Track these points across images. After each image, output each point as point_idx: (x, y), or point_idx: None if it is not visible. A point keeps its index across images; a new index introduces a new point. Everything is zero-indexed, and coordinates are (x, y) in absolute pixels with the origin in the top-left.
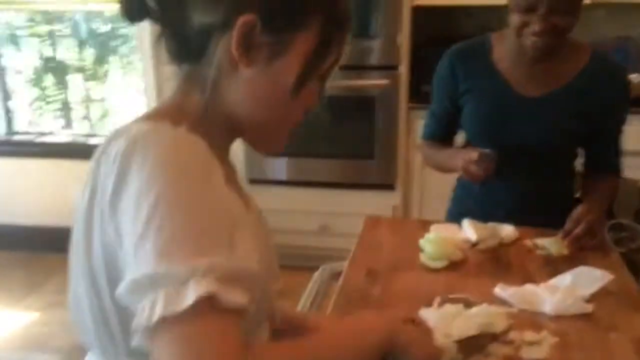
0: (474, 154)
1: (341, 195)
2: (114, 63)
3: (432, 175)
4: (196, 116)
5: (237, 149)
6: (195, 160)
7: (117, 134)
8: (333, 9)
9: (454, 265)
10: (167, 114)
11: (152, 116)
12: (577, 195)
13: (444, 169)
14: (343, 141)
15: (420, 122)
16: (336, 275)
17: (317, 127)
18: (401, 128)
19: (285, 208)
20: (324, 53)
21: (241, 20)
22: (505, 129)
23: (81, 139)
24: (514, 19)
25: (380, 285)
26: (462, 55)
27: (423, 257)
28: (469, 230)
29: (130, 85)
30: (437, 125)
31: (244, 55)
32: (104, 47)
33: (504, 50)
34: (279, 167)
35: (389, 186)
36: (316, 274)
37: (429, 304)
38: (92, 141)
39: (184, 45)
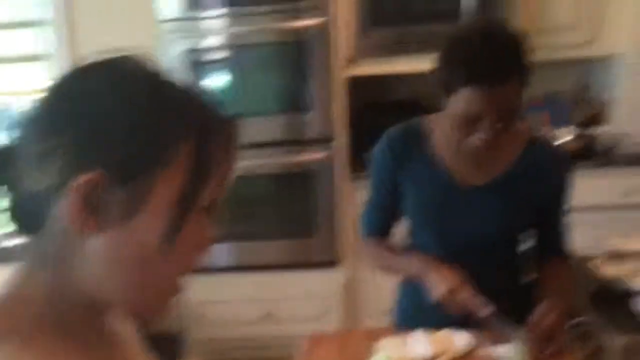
0: (466, 294)
1: (284, 278)
2: None
3: None
4: (42, 306)
5: None
6: None
7: None
8: (200, 128)
9: None
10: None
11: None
12: (526, 280)
13: (396, 273)
14: (281, 221)
15: (362, 193)
16: None
17: (253, 208)
18: (343, 201)
19: (225, 298)
20: (200, 181)
21: (81, 180)
22: (447, 221)
23: None
24: (451, 122)
25: None
26: (399, 142)
27: None
28: (422, 344)
29: None
30: (377, 218)
31: (89, 220)
32: None
33: (442, 136)
34: (217, 252)
35: (331, 263)
36: None
37: None
38: None
39: (17, 214)
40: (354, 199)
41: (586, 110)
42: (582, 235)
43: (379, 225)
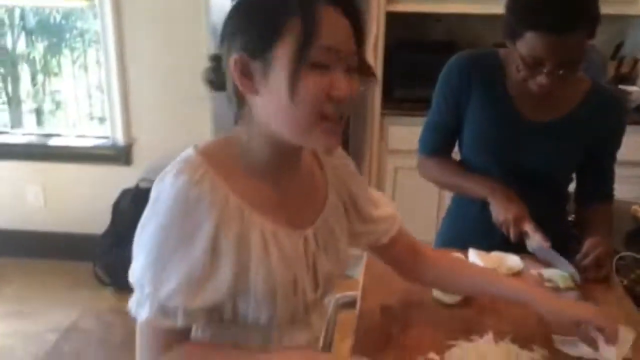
0: (528, 226)
1: None
2: (67, 57)
3: (403, 182)
4: (241, 147)
5: None
6: (186, 212)
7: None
8: (307, 10)
9: (467, 300)
10: (218, 144)
11: (202, 148)
12: (570, 218)
13: (458, 190)
14: None
15: (393, 128)
16: (344, 306)
17: None
18: (374, 134)
19: None
20: (306, 43)
21: (232, 60)
22: (506, 151)
23: (36, 140)
24: (518, 62)
25: (399, 324)
26: (474, 66)
27: (436, 293)
28: (475, 261)
29: (85, 81)
30: (439, 138)
31: (247, 85)
32: (57, 39)
33: (512, 71)
34: None
35: None
36: (329, 308)
37: (450, 345)
38: (51, 142)
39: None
40: (385, 134)
41: (619, 68)
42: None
43: (438, 145)
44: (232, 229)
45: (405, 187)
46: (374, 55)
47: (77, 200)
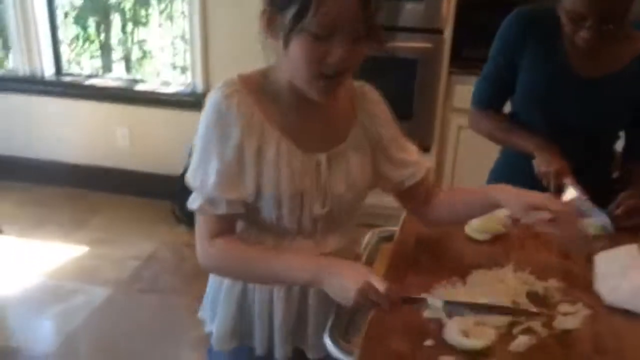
0: (568, 179)
1: None
2: (155, 7)
3: (467, 141)
4: (272, 78)
5: None
6: (218, 120)
7: None
8: None
9: (496, 239)
10: (256, 73)
11: (243, 74)
12: (615, 175)
13: (506, 144)
14: (384, 100)
15: (460, 87)
16: (384, 239)
17: None
18: (441, 91)
19: None
20: (300, 15)
21: (262, 10)
22: (557, 106)
23: (127, 84)
24: (563, 17)
25: (429, 253)
26: (532, 21)
27: (468, 229)
28: None
29: (170, 31)
30: (492, 91)
31: (270, 34)
32: None
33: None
34: None
35: (425, 147)
36: (367, 237)
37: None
38: (138, 87)
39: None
40: (452, 92)
41: None
42: None
43: (491, 98)
44: (254, 139)
45: (468, 144)
46: (446, 14)
47: (160, 142)
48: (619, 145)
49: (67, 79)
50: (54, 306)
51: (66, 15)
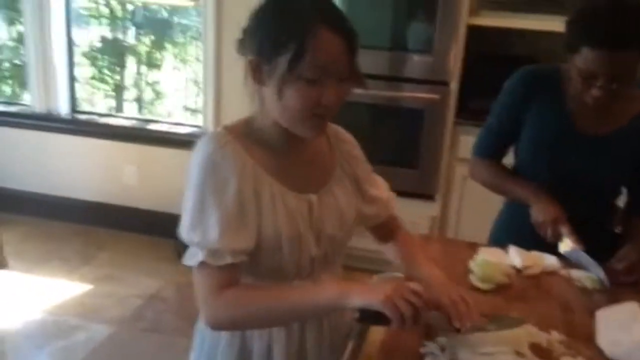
0: (564, 229)
1: None
2: (169, 50)
3: (471, 190)
4: (257, 125)
5: None
6: (214, 171)
7: None
8: (305, 33)
9: (499, 289)
10: (240, 122)
11: (227, 125)
12: (617, 230)
13: (506, 194)
14: (389, 149)
15: (465, 138)
16: None
17: (365, 134)
18: (446, 142)
19: None
20: (295, 63)
21: (249, 59)
22: (560, 162)
23: (139, 124)
24: (575, 75)
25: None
26: (537, 79)
27: (472, 278)
28: (515, 256)
29: (183, 74)
30: (494, 143)
31: (258, 79)
32: (161, 33)
33: (570, 85)
34: None
35: (429, 196)
36: (372, 281)
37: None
38: (150, 127)
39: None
40: (457, 142)
41: None
42: None
43: (492, 149)
44: (249, 186)
45: (472, 194)
46: (453, 67)
47: (167, 182)
48: (622, 200)
49: (82, 117)
50: (55, 342)
51: (84, 55)
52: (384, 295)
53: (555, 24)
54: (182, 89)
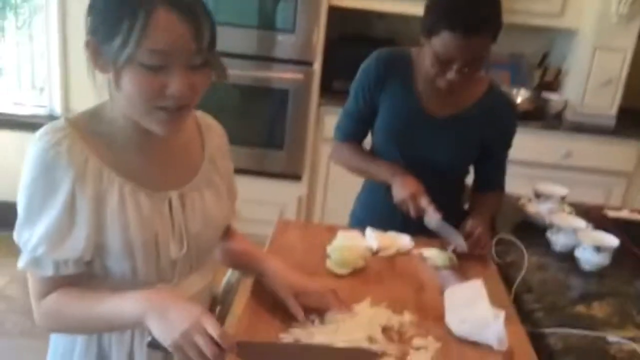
0: (423, 201)
1: (248, 182)
2: (10, 21)
3: (337, 170)
4: (106, 117)
5: None
6: (45, 170)
7: None
8: (137, 11)
9: (356, 273)
10: (86, 112)
11: (71, 116)
12: (466, 207)
13: (365, 175)
14: (255, 130)
15: (329, 118)
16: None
17: (230, 115)
18: (311, 122)
19: None
20: (126, 45)
21: (85, 41)
22: (410, 144)
23: None
24: (429, 60)
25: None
26: (391, 62)
27: (329, 263)
28: (371, 239)
29: (27, 48)
30: (353, 126)
31: (98, 65)
32: (2, 2)
33: (421, 69)
34: None
35: (296, 177)
36: (228, 273)
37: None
38: None
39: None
40: (322, 122)
41: (544, 76)
42: (522, 186)
43: (352, 132)
44: (90, 189)
45: (338, 173)
46: (316, 46)
47: (7, 168)
48: (470, 180)
49: None
50: None
51: None
52: (172, 339)
53: (414, 8)
54: (28, 65)
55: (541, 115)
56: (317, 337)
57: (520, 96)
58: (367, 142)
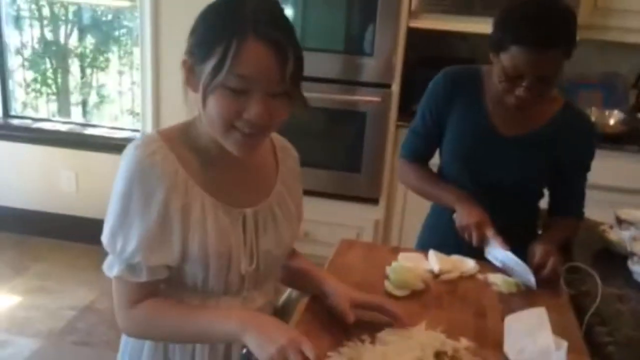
0: (490, 231)
1: (326, 205)
2: (114, 53)
3: (414, 195)
4: (194, 133)
5: None
6: (141, 179)
7: None
8: (232, 38)
9: (415, 294)
10: (176, 127)
11: (162, 130)
12: (540, 232)
13: (429, 197)
14: (332, 153)
15: None
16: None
17: (310, 137)
18: (389, 145)
19: None
20: (218, 70)
21: (183, 59)
22: (479, 164)
23: (77, 129)
24: (497, 76)
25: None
26: (459, 80)
27: (388, 284)
28: (433, 261)
29: (128, 76)
30: (419, 144)
31: (190, 84)
32: (105, 36)
33: (491, 86)
34: None
35: (373, 200)
36: (288, 290)
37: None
38: (88, 131)
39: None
40: (399, 145)
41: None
42: (603, 212)
43: (418, 151)
44: (179, 199)
45: (415, 197)
46: (394, 68)
47: (106, 188)
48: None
49: (16, 122)
50: None
51: (24, 58)
52: (268, 353)
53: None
54: (129, 93)
55: (635, 139)
56: (366, 358)
57: (613, 118)
58: (435, 163)
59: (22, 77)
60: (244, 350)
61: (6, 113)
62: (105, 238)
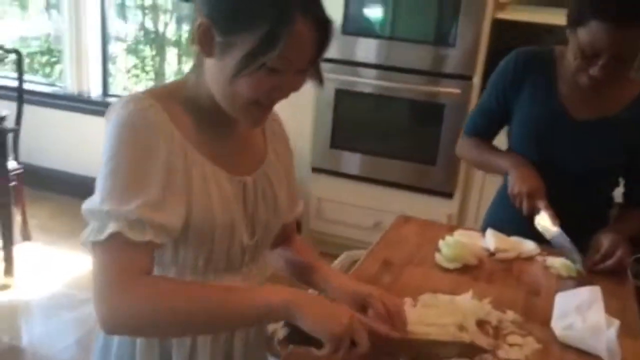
0: (541, 203)
1: (399, 196)
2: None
3: (490, 189)
4: (188, 93)
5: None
6: (136, 132)
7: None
8: (279, 17)
9: (466, 269)
10: (166, 87)
11: (150, 89)
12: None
13: (486, 168)
14: (408, 144)
15: None
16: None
17: (388, 129)
18: None
19: (344, 200)
20: (263, 51)
21: (199, 21)
22: (550, 147)
23: None
24: (573, 53)
25: (392, 275)
26: (531, 61)
27: (438, 257)
28: (489, 239)
29: None
30: (483, 122)
31: (205, 48)
32: None
33: (564, 68)
34: (345, 160)
35: (447, 194)
36: (339, 258)
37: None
38: None
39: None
40: None
41: None
42: None
43: (481, 128)
44: (180, 161)
45: (491, 193)
46: (476, 61)
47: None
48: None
49: (113, 101)
50: (65, 313)
51: (125, 45)
52: (332, 330)
53: None
54: None
55: None
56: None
57: None
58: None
59: (123, 63)
60: (282, 333)
61: (105, 93)
62: (93, 203)
